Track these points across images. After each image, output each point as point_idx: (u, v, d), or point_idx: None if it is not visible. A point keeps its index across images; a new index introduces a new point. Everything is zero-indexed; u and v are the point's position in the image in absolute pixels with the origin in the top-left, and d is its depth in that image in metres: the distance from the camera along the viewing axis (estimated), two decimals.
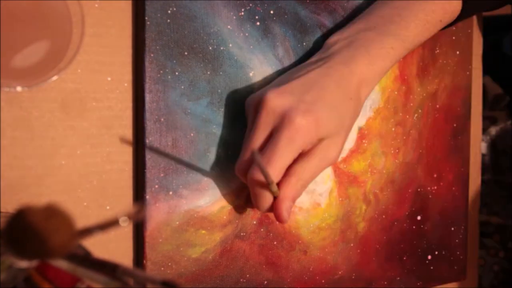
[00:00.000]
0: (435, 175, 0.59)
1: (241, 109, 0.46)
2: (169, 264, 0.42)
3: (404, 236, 0.57)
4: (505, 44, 0.73)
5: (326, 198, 0.51)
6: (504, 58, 0.73)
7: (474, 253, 0.65)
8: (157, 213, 0.42)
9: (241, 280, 0.46)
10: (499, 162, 0.68)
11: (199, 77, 0.44)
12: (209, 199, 0.44)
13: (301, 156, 0.41)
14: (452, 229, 0.61)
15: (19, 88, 0.34)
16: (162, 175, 0.42)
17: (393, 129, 0.55)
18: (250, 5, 0.46)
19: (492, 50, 0.64)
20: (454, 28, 0.59)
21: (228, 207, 0.45)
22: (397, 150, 0.56)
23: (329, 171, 0.51)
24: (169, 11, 0.42)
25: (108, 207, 0.41)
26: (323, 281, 0.51)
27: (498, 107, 0.68)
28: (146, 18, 0.41)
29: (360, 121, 0.53)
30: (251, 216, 0.47)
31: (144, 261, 0.41)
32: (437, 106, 0.59)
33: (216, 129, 0.45)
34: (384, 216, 0.55)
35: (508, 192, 0.67)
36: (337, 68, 0.43)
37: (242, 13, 0.45)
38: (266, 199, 0.40)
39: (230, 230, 0.46)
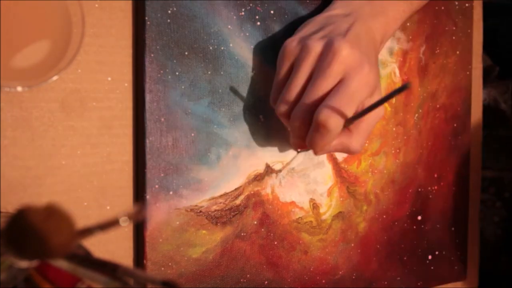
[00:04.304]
0: (435, 175, 0.59)
1: (242, 108, 0.46)
2: (170, 264, 0.42)
3: (405, 236, 0.57)
4: (501, 31, 0.74)
5: (327, 198, 0.51)
6: (498, 41, 0.74)
7: (474, 253, 0.65)
8: (158, 213, 0.42)
9: (242, 280, 0.46)
10: (490, 118, 0.69)
11: (200, 77, 0.44)
12: (210, 199, 0.44)
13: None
14: (453, 229, 0.61)
15: (19, 88, 0.34)
16: (162, 175, 0.42)
17: (394, 129, 0.55)
18: (251, 5, 0.46)
19: (488, 33, 0.65)
20: (454, 28, 0.59)
21: (229, 207, 0.45)
22: (398, 150, 0.56)
23: (330, 171, 0.51)
24: (169, 11, 0.42)
25: (108, 207, 0.41)
26: (323, 281, 0.51)
27: (489, 79, 0.69)
28: (146, 18, 0.41)
29: None
30: (252, 217, 0.47)
31: (145, 261, 0.41)
32: (437, 106, 0.59)
33: (217, 129, 0.44)
34: (384, 216, 0.55)
35: (500, 144, 0.68)
36: (368, 26, 0.45)
37: (243, 13, 0.45)
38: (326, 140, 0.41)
39: (231, 230, 0.45)
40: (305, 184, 0.50)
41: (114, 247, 0.42)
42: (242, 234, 0.46)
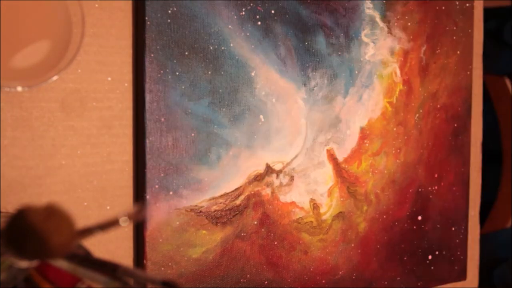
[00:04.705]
0: (436, 175, 0.59)
1: (242, 108, 0.46)
2: (170, 264, 0.42)
3: (405, 236, 0.57)
4: (505, 32, 0.74)
5: (327, 198, 0.51)
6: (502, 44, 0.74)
7: (474, 253, 0.65)
8: (158, 213, 0.42)
9: (242, 280, 0.46)
10: None
11: (200, 77, 0.43)
12: (210, 199, 0.44)
13: None
14: (453, 229, 0.61)
15: (19, 88, 0.34)
16: (162, 175, 0.42)
17: (394, 129, 0.55)
18: (251, 4, 0.46)
19: (491, 36, 0.65)
20: (454, 28, 0.59)
21: (229, 207, 0.45)
22: (398, 150, 0.56)
23: (330, 171, 0.51)
24: (169, 11, 0.42)
25: (108, 207, 0.41)
26: (323, 281, 0.51)
27: None
28: (146, 18, 0.41)
29: (362, 121, 0.53)
30: (252, 217, 0.47)
31: (145, 261, 0.41)
32: (438, 106, 0.59)
33: (217, 129, 0.44)
34: (385, 216, 0.55)
35: None
36: None
37: (243, 13, 0.45)
38: None
39: (231, 230, 0.45)
40: (306, 184, 0.50)
41: (114, 247, 0.42)
42: (242, 234, 0.46)
